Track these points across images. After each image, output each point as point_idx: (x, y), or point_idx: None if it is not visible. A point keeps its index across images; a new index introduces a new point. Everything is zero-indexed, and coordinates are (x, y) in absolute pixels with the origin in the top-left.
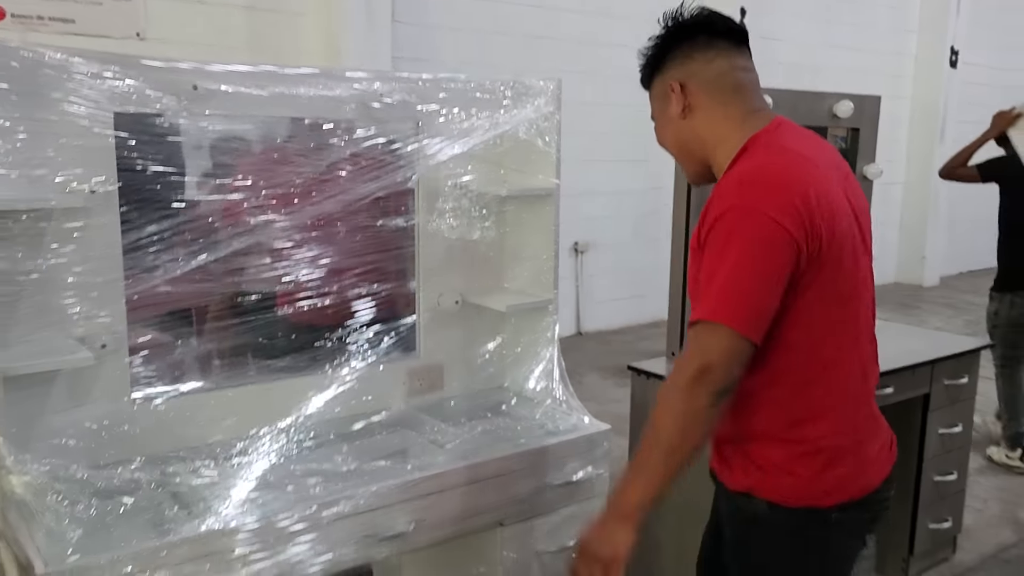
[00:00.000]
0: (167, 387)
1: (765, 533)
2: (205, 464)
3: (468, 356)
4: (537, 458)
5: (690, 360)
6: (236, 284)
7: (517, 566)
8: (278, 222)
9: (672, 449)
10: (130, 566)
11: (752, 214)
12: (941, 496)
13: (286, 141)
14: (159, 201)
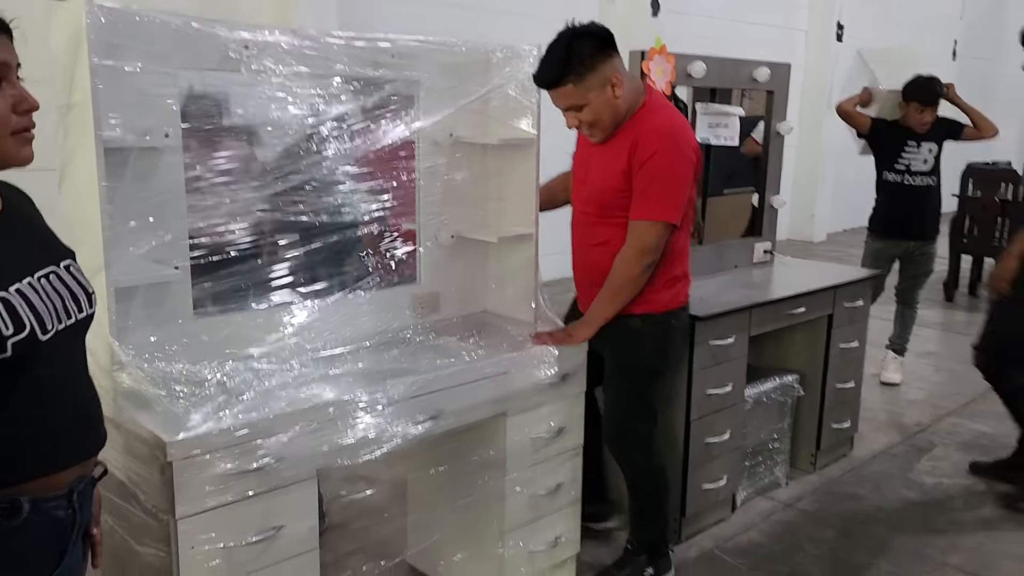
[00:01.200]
0: (222, 305)
1: (656, 335)
2: (263, 365)
3: (461, 283)
4: (529, 360)
5: (640, 244)
6: (278, 218)
7: (517, 448)
8: (307, 169)
9: (623, 299)
10: (244, 430)
11: (677, 150)
12: (842, 401)
13: (319, 96)
14: (217, 145)
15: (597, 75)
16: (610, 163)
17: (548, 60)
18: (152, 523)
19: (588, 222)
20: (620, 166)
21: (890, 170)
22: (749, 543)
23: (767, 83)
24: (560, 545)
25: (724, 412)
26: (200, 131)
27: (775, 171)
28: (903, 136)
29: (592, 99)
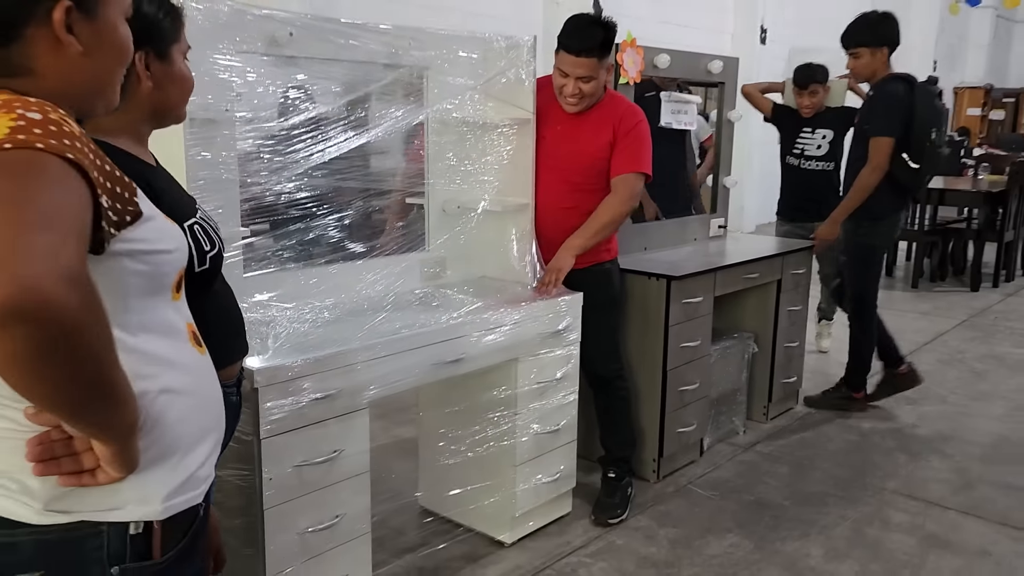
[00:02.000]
0: (263, 267)
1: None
2: (308, 315)
3: (466, 249)
4: (536, 311)
5: (630, 191)
6: (308, 191)
7: (526, 391)
8: (337, 145)
9: (603, 235)
10: (314, 362)
11: (647, 123)
12: (789, 359)
13: (346, 81)
14: (266, 123)
15: (609, 60)
16: (598, 137)
17: (587, 33)
18: (234, 446)
19: (564, 189)
20: (607, 138)
21: (789, 154)
22: (718, 479)
23: (720, 75)
24: (561, 479)
25: (694, 363)
26: (248, 108)
27: (727, 154)
28: (800, 122)
29: (600, 76)
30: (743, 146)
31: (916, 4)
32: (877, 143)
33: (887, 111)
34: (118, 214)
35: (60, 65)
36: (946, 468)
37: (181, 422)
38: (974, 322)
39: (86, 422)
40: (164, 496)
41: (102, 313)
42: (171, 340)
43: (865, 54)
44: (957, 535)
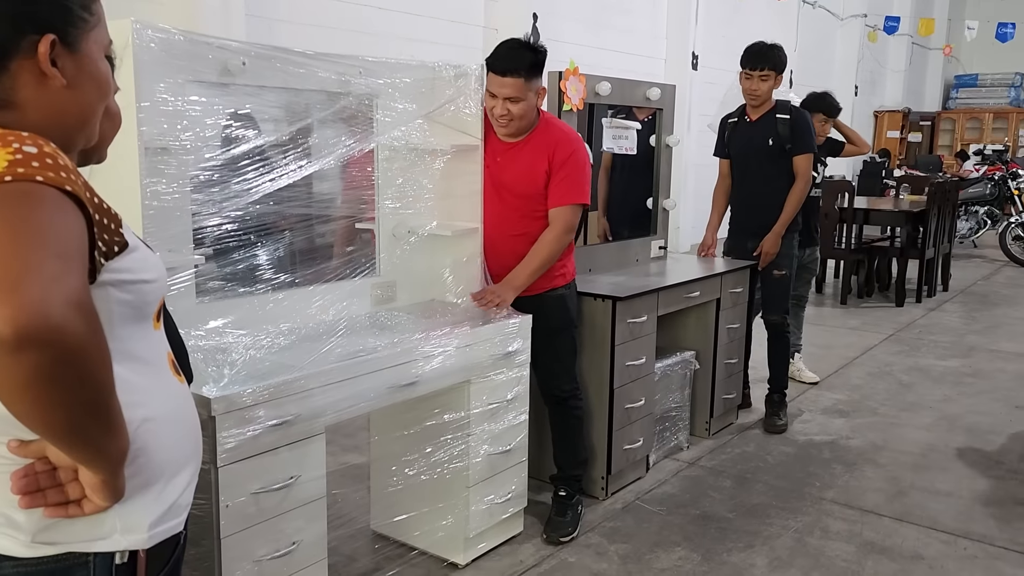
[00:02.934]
0: (220, 294)
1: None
2: (264, 342)
3: (416, 273)
4: (487, 333)
5: (568, 224)
6: (263, 217)
7: (479, 412)
8: (288, 173)
9: (545, 268)
10: (271, 389)
11: (585, 151)
12: (729, 374)
13: (297, 109)
14: (218, 151)
15: (538, 81)
16: (534, 167)
17: (514, 55)
18: None
19: (512, 217)
20: (543, 167)
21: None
22: (664, 494)
23: (658, 101)
24: (513, 498)
25: (639, 381)
26: (199, 136)
27: (665, 178)
28: (820, 153)
29: (528, 98)
30: (679, 169)
31: (839, 32)
32: (807, 159)
33: (809, 129)
34: (107, 244)
35: (43, 98)
36: (879, 477)
37: (164, 450)
38: (900, 336)
39: (82, 448)
40: (149, 524)
41: (103, 339)
42: (153, 368)
43: (771, 78)
44: (892, 541)
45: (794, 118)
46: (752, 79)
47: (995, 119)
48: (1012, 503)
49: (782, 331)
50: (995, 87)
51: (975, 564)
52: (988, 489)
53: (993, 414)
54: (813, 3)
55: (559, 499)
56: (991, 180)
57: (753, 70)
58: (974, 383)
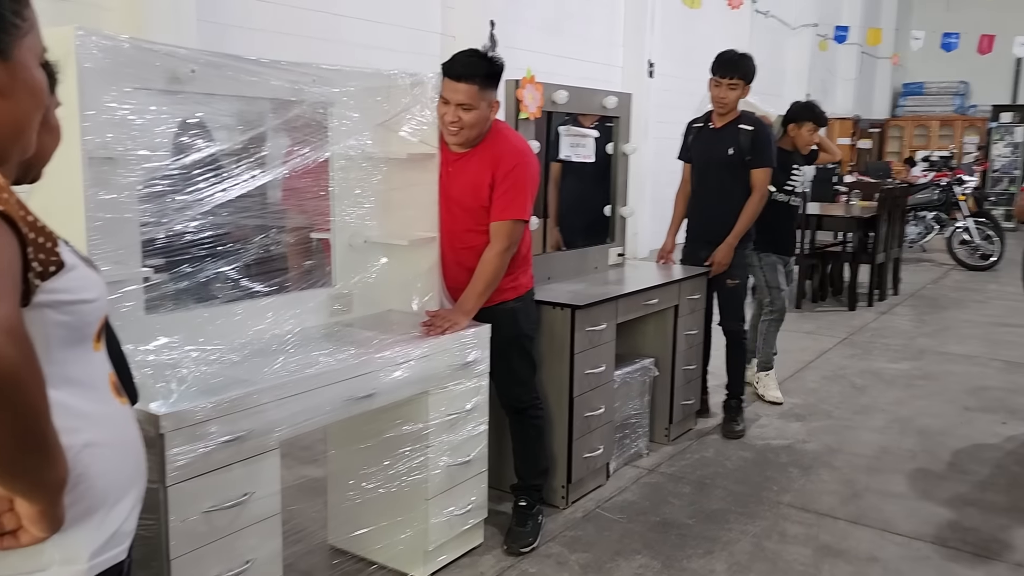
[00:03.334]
0: (169, 308)
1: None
2: (215, 356)
3: (373, 284)
4: (445, 344)
5: (508, 240)
6: (215, 228)
7: (437, 423)
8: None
9: (493, 287)
10: (222, 405)
11: (530, 163)
12: (688, 380)
13: (249, 118)
14: (166, 161)
15: (492, 92)
16: (478, 180)
17: (470, 60)
18: None
19: (460, 230)
20: (486, 180)
21: (780, 191)
22: (625, 502)
23: (615, 109)
24: (473, 510)
25: (599, 390)
26: (147, 146)
27: (623, 185)
28: (792, 159)
29: (481, 107)
30: (637, 176)
31: (791, 41)
32: (765, 173)
33: (770, 144)
34: (43, 264)
35: None
36: (835, 480)
37: (105, 476)
38: (853, 340)
39: (18, 480)
40: (90, 554)
41: (37, 365)
42: (94, 392)
43: (740, 87)
44: (848, 544)
45: (756, 131)
46: (721, 87)
47: (941, 126)
48: (963, 504)
49: (739, 338)
50: (941, 95)
51: (928, 565)
52: (940, 490)
53: (943, 416)
54: (765, 12)
55: (519, 509)
56: (938, 186)
57: (723, 78)
58: (925, 385)
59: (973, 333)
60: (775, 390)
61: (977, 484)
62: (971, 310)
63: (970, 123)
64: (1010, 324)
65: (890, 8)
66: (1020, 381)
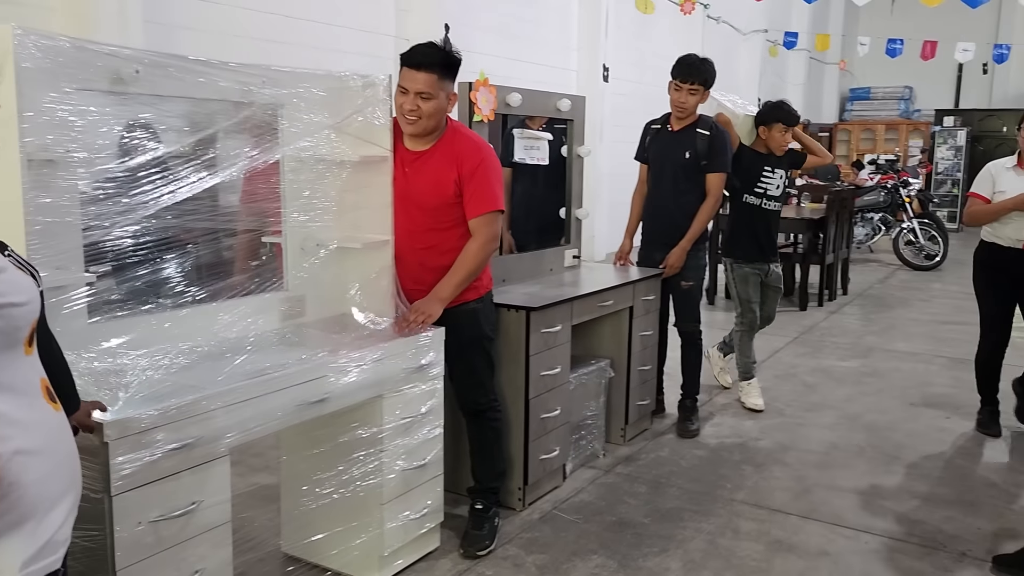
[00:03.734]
0: (114, 313)
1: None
2: (163, 362)
3: (325, 287)
4: (399, 347)
5: (489, 231)
6: (163, 231)
7: (392, 427)
8: (188, 185)
9: (471, 279)
10: (169, 412)
11: (495, 157)
12: (643, 381)
13: (197, 119)
14: (110, 163)
15: (451, 84)
16: (441, 177)
17: (430, 50)
18: (82, 504)
19: (420, 229)
20: (452, 176)
21: (750, 193)
22: (581, 502)
23: (568, 112)
24: (429, 514)
25: (555, 391)
26: (90, 148)
27: (578, 187)
28: (767, 161)
29: (439, 97)
30: (593, 179)
31: (742, 46)
32: (720, 178)
33: (726, 149)
34: None
35: None
36: (786, 476)
37: (37, 484)
38: (804, 339)
39: None
40: (21, 564)
41: None
42: (25, 398)
43: (700, 92)
44: (799, 538)
45: (713, 135)
46: (682, 91)
47: (887, 130)
48: (909, 496)
49: (694, 339)
50: (887, 100)
51: (877, 557)
52: (887, 484)
53: (890, 412)
54: (717, 19)
55: (476, 512)
56: (884, 188)
57: (684, 82)
58: (872, 382)
59: (918, 331)
60: (756, 397)
61: (923, 478)
62: (916, 309)
63: (914, 127)
64: (953, 322)
65: (837, 15)
66: (963, 377)
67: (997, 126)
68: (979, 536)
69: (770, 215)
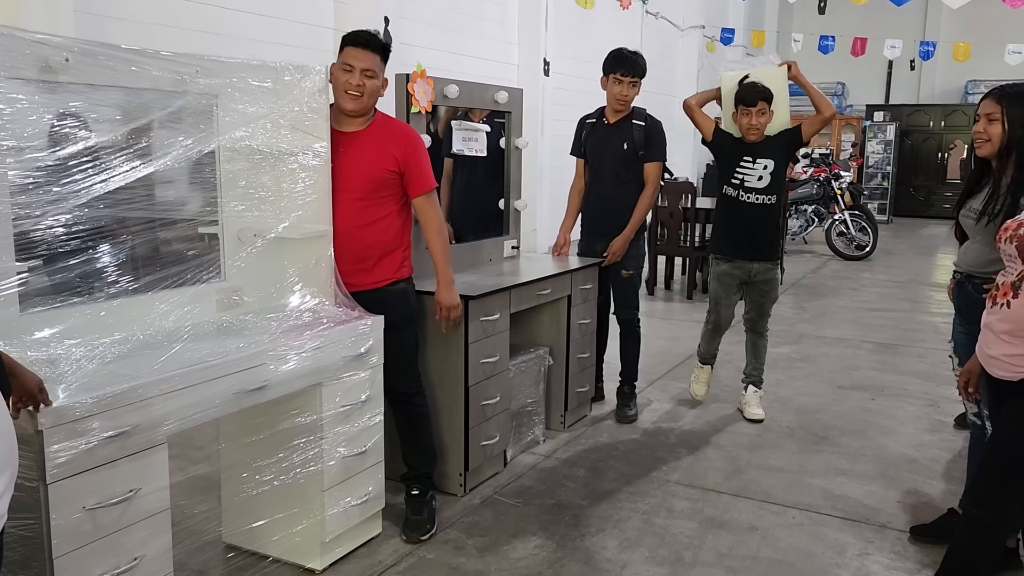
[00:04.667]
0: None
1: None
2: (99, 351)
3: (264, 277)
4: (338, 336)
5: (436, 208)
6: (95, 221)
7: (331, 414)
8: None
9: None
10: (105, 399)
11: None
12: (582, 368)
13: (131, 109)
14: (39, 152)
15: (385, 73)
16: (383, 155)
17: (373, 34)
18: (15, 494)
19: (359, 208)
20: (391, 154)
21: (727, 184)
22: (521, 487)
23: (506, 104)
24: (370, 500)
25: (494, 378)
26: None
27: (516, 179)
28: (740, 149)
29: (379, 78)
30: (534, 171)
31: (680, 42)
32: (657, 167)
33: (662, 139)
34: None
35: None
36: (720, 458)
37: None
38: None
39: None
40: None
41: None
42: None
43: (638, 85)
44: (730, 515)
45: (649, 125)
46: (623, 84)
47: None
48: (835, 473)
49: (633, 327)
50: None
51: (802, 531)
52: (814, 462)
53: (819, 395)
54: (655, 14)
55: (413, 498)
56: (817, 181)
57: (626, 76)
58: (803, 367)
59: (847, 318)
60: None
61: (848, 455)
62: (846, 297)
63: (846, 122)
64: (880, 309)
65: (772, 11)
66: (888, 361)
67: (924, 121)
68: (899, 508)
69: (751, 209)
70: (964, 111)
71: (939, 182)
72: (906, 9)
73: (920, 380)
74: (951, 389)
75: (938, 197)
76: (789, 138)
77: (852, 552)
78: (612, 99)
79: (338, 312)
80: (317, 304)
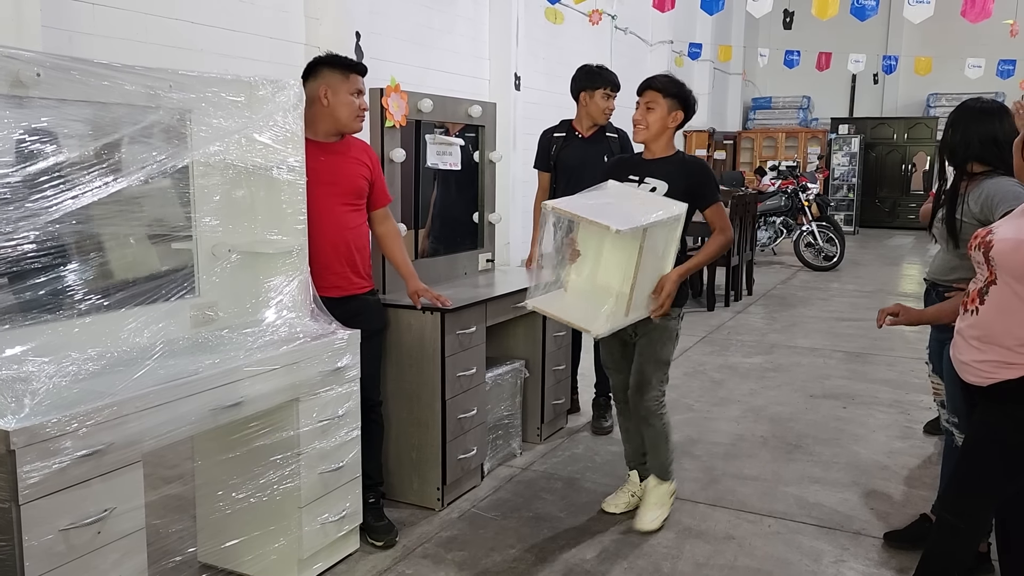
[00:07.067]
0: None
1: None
2: (70, 368)
3: (238, 292)
4: (314, 350)
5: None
6: (66, 237)
7: (308, 430)
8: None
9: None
10: (78, 418)
11: None
12: (558, 381)
13: (102, 124)
14: (8, 168)
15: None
16: (359, 165)
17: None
18: None
19: (345, 212)
20: (365, 163)
21: None
22: (499, 500)
23: (479, 118)
24: (347, 516)
25: (471, 391)
26: None
27: (490, 192)
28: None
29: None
30: (506, 185)
31: (649, 56)
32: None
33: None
34: None
35: None
36: (695, 467)
37: None
38: (711, 338)
39: None
40: None
41: None
42: None
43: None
44: (707, 525)
45: (622, 137)
46: (611, 99)
47: (787, 138)
48: (808, 481)
49: None
50: (786, 109)
51: (779, 539)
52: (788, 471)
53: (792, 404)
54: (625, 29)
55: (373, 507)
56: (785, 193)
57: (614, 91)
58: (775, 377)
59: (817, 328)
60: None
61: (821, 463)
62: (816, 307)
63: (812, 135)
64: (849, 319)
65: (739, 27)
66: (858, 369)
67: (888, 133)
68: (872, 515)
69: None
70: (926, 124)
71: (903, 193)
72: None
73: (890, 388)
74: (920, 396)
75: (903, 208)
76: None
77: (828, 559)
78: (598, 113)
79: (314, 326)
80: (293, 318)
